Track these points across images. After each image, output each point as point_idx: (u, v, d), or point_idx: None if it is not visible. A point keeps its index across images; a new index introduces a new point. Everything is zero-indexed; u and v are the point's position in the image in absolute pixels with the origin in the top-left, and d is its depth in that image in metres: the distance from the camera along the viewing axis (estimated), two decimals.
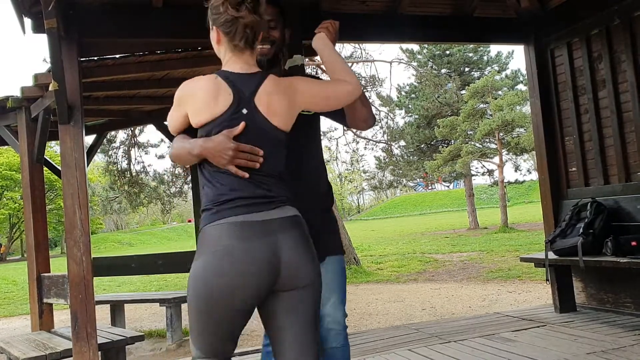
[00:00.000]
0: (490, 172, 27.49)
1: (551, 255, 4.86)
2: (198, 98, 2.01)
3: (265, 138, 2.00)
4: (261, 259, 1.92)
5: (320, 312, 2.14)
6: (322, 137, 2.85)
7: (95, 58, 4.81)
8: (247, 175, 1.97)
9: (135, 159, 17.51)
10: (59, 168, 4.36)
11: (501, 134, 24.08)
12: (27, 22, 3.97)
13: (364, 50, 17.43)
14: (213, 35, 2.18)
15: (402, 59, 21.20)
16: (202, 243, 1.97)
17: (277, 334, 2.04)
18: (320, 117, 2.64)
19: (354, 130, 20.58)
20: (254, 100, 2.00)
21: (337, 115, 2.49)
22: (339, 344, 2.58)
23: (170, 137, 8.05)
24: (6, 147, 7.22)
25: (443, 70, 28.69)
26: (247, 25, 2.05)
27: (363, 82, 18.62)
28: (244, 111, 1.98)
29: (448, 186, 54.07)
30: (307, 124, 2.46)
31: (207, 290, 1.90)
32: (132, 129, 15.92)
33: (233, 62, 2.09)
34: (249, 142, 1.97)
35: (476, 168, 28.14)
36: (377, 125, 21.98)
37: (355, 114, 2.41)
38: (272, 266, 1.93)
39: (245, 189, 1.99)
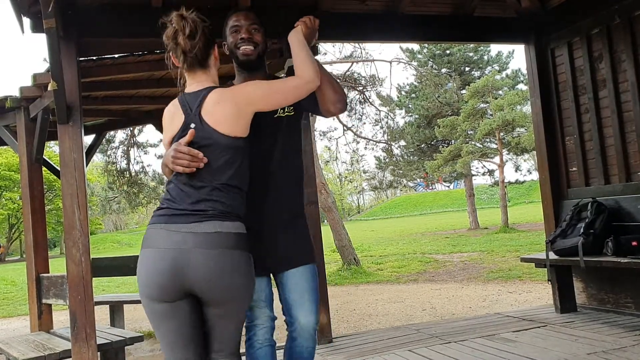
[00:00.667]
0: (490, 172, 27.48)
1: (552, 256, 4.85)
2: (165, 120, 2.40)
3: (214, 146, 2.22)
4: (161, 268, 2.17)
5: (289, 314, 2.55)
6: (321, 137, 2.90)
7: (94, 58, 4.80)
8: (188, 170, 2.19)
9: (135, 158, 17.53)
10: (58, 168, 4.34)
11: (502, 134, 24.08)
12: (26, 21, 3.96)
13: (364, 49, 17.42)
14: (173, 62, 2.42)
15: (402, 59, 21.17)
16: None
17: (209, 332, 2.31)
18: (302, 118, 2.73)
19: (354, 130, 20.59)
20: (200, 114, 2.25)
21: (312, 105, 2.59)
22: (309, 346, 2.64)
23: None
24: (5, 147, 7.21)
25: (443, 70, 28.69)
26: (186, 51, 2.31)
27: (363, 82, 18.61)
28: (192, 125, 2.25)
29: (448, 186, 54.07)
30: (279, 126, 2.57)
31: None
32: (131, 128, 15.93)
33: (189, 83, 2.39)
34: (209, 151, 2.21)
35: (476, 168, 28.16)
36: (377, 125, 22.02)
37: (323, 100, 2.55)
38: (173, 276, 2.15)
39: (178, 200, 2.22)
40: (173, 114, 2.35)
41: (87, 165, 5.04)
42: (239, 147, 2.25)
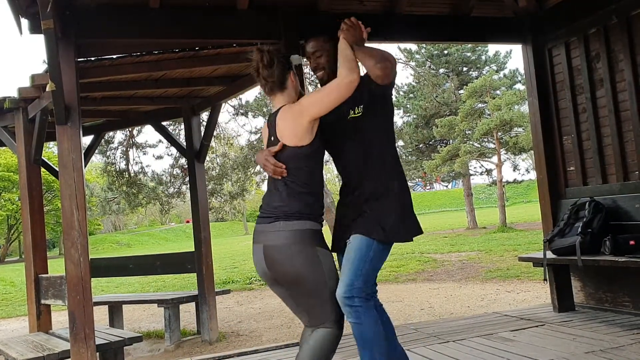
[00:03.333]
0: (488, 172, 27.47)
1: (549, 255, 4.85)
2: (263, 136, 3.07)
3: (285, 155, 2.75)
4: (256, 258, 2.83)
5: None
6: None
7: (93, 58, 4.81)
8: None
9: (134, 159, 17.51)
10: (57, 169, 4.35)
11: (499, 134, 24.08)
12: (24, 22, 3.96)
13: None
14: None
15: (400, 59, 21.19)
16: None
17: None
18: (377, 114, 2.97)
19: None
20: (275, 129, 2.80)
21: (369, 87, 2.89)
22: (349, 319, 2.80)
23: (169, 138, 8.00)
24: (4, 148, 7.21)
25: (441, 70, 28.71)
26: (265, 79, 2.81)
27: None
28: (272, 138, 2.83)
29: (446, 186, 54.11)
30: (351, 127, 2.94)
31: None
32: (130, 129, 15.92)
33: (273, 104, 2.91)
34: (280, 160, 2.75)
35: (474, 168, 28.16)
36: None
37: (368, 70, 2.87)
38: (260, 264, 2.81)
39: (265, 202, 2.84)
40: (265, 131, 2.94)
41: (85, 166, 5.04)
42: (303, 155, 2.75)
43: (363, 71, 2.84)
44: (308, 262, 2.72)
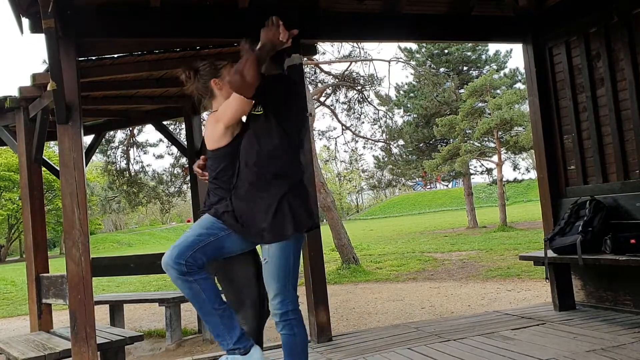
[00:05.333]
0: (489, 171, 27.48)
1: (550, 254, 4.86)
2: None
3: (210, 159, 3.03)
4: None
5: None
6: (320, 137, 3.08)
7: (93, 58, 4.81)
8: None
9: (134, 158, 17.52)
10: (58, 168, 4.35)
11: (500, 133, 24.07)
12: (25, 22, 3.97)
13: (362, 49, 17.43)
14: None
15: (401, 58, 21.18)
16: None
17: None
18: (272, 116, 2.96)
19: (353, 129, 20.59)
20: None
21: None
22: (282, 332, 2.84)
23: (170, 137, 7.98)
24: (4, 147, 7.21)
25: (441, 69, 28.67)
26: (192, 93, 3.09)
27: (362, 81, 18.60)
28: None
29: (447, 185, 54.01)
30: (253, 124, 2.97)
31: None
32: (130, 128, 15.92)
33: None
34: (208, 164, 3.06)
35: (475, 167, 28.16)
36: (376, 124, 22.01)
37: None
38: None
39: (204, 201, 3.07)
40: None
41: (86, 165, 5.04)
42: (221, 155, 2.93)
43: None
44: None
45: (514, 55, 36.16)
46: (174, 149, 17.19)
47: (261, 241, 2.83)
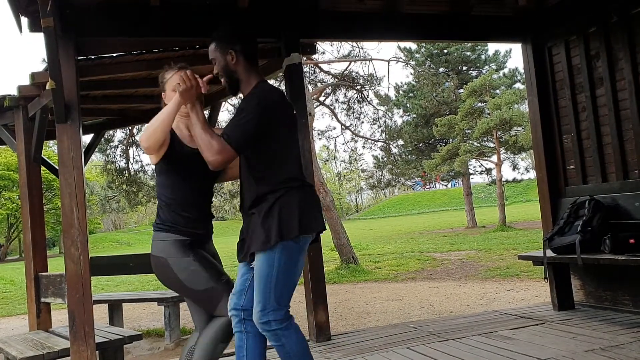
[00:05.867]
0: (488, 171, 27.50)
1: (549, 253, 4.86)
2: None
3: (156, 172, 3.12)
4: None
5: None
6: (319, 137, 3.03)
7: (93, 57, 4.80)
8: None
9: (134, 157, 17.50)
10: (57, 167, 4.35)
11: (499, 133, 24.08)
12: (24, 21, 3.96)
13: (362, 48, 17.42)
14: None
15: (400, 58, 21.19)
16: None
17: None
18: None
19: (352, 129, 20.59)
20: None
21: None
22: (271, 342, 2.79)
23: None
24: (3, 146, 7.21)
25: (441, 69, 28.69)
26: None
27: (361, 81, 18.60)
28: None
29: (446, 185, 54.09)
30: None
31: None
32: (129, 128, 15.90)
33: None
34: None
35: (474, 167, 28.16)
36: (375, 124, 22.02)
37: None
38: None
39: None
40: None
41: (85, 165, 5.04)
42: (158, 170, 2.97)
43: None
44: (168, 271, 2.92)
45: (513, 55, 36.28)
46: None
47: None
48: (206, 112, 7.67)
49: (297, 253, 2.77)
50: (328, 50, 19.17)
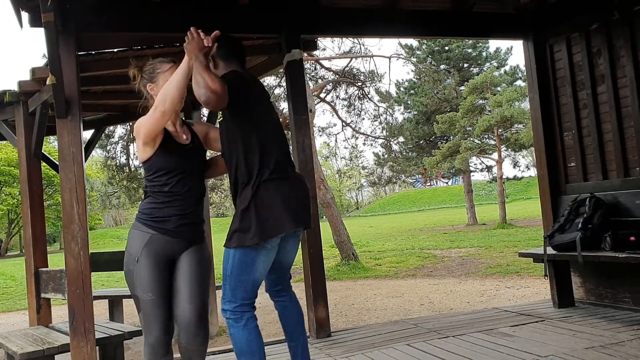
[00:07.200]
0: (489, 169, 27.47)
1: (550, 251, 4.86)
2: None
3: None
4: None
5: None
6: (320, 133, 3.03)
7: (93, 52, 4.78)
8: None
9: (134, 154, 17.47)
10: (57, 163, 4.34)
11: (500, 130, 24.07)
12: (25, 15, 3.95)
13: (363, 45, 17.39)
14: None
15: (401, 55, 21.17)
16: None
17: None
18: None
19: (353, 126, 20.58)
20: None
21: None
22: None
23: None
24: (4, 142, 7.20)
25: (442, 66, 28.67)
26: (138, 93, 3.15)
27: (362, 78, 18.58)
28: None
29: (447, 182, 54.08)
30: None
31: None
32: (130, 123, 15.87)
33: None
34: None
35: (475, 164, 28.13)
36: (376, 121, 22.01)
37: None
38: None
39: None
40: None
41: (86, 160, 5.04)
42: (145, 168, 2.95)
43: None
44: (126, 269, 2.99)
45: (515, 53, 36.18)
46: None
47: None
48: (205, 112, 7.68)
49: (255, 254, 2.85)
50: (329, 47, 19.21)
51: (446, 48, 29.28)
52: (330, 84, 18.78)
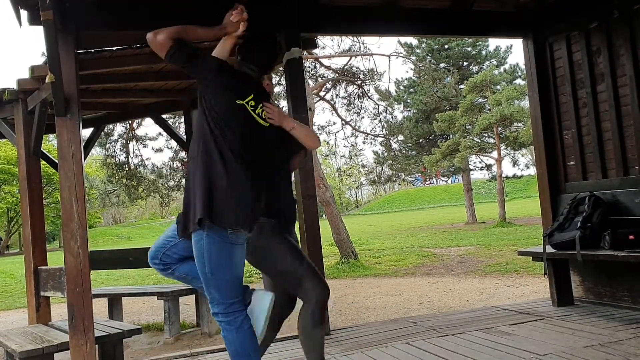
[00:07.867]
0: (488, 167, 27.46)
1: (549, 249, 4.86)
2: None
3: None
4: None
5: None
6: (320, 132, 3.02)
7: (92, 50, 4.78)
8: None
9: (134, 152, 17.49)
10: (57, 161, 4.34)
11: (499, 129, 24.06)
12: (24, 14, 3.94)
13: (363, 43, 17.37)
14: None
15: (401, 53, 21.15)
16: None
17: None
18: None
19: (353, 124, 20.57)
20: None
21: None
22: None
23: (169, 131, 7.96)
24: (3, 140, 7.20)
25: (442, 65, 28.63)
26: None
27: (361, 76, 18.57)
28: None
29: (446, 181, 54.06)
30: None
31: None
32: (129, 122, 15.89)
33: None
34: None
35: (474, 163, 28.13)
36: (375, 119, 22.00)
37: None
38: None
39: None
40: None
41: (85, 159, 5.03)
42: None
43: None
44: None
45: (514, 51, 36.20)
46: (173, 143, 17.17)
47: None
48: None
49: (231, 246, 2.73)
50: (328, 45, 19.17)
51: (446, 46, 29.24)
52: (330, 82, 18.76)
